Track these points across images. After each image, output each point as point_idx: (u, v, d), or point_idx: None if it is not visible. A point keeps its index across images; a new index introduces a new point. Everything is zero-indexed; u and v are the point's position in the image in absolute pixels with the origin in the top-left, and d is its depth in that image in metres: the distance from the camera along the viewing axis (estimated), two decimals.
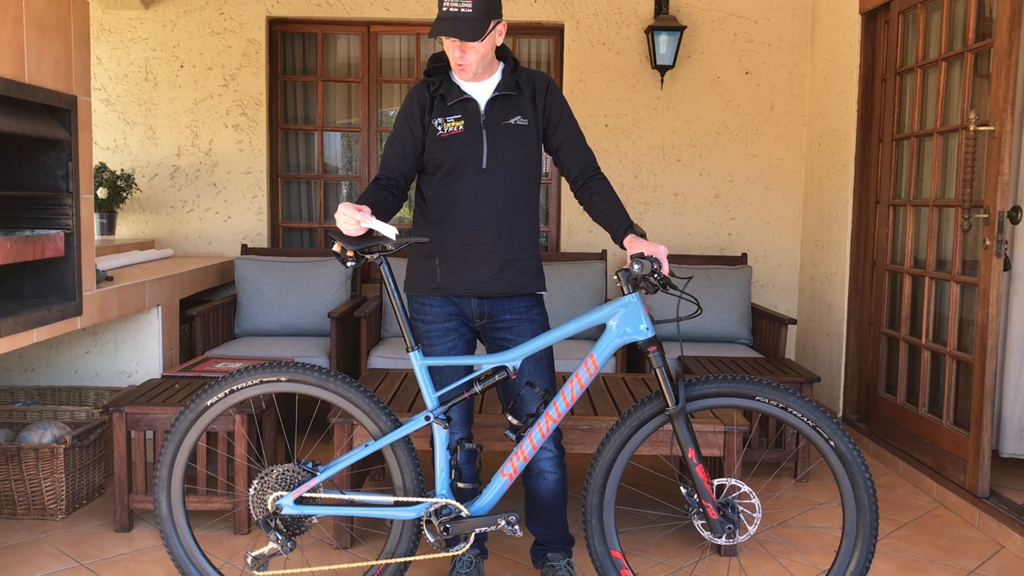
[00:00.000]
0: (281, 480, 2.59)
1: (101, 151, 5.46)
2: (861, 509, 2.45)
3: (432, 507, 2.59)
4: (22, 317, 3.01)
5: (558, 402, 2.56)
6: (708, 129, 5.55)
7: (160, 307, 4.23)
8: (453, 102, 2.70)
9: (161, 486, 2.69)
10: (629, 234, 2.61)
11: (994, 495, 3.63)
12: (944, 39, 4.01)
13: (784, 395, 2.46)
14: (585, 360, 2.56)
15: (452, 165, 2.70)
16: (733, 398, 2.51)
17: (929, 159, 4.19)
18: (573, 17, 5.47)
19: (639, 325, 2.51)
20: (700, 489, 2.51)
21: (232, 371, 2.65)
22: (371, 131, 5.67)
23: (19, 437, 3.59)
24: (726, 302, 4.97)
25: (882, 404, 4.52)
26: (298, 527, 2.62)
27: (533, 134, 2.74)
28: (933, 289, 4.11)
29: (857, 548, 2.47)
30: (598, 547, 2.60)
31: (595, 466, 2.59)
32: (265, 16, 5.46)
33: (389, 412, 2.62)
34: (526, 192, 2.77)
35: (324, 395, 2.62)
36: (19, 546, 3.28)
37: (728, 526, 2.50)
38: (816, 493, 3.94)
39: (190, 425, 2.67)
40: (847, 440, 2.44)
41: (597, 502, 2.59)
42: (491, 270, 2.73)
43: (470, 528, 2.59)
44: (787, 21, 5.50)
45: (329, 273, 5.00)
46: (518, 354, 2.57)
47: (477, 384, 2.57)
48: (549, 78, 2.81)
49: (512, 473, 2.61)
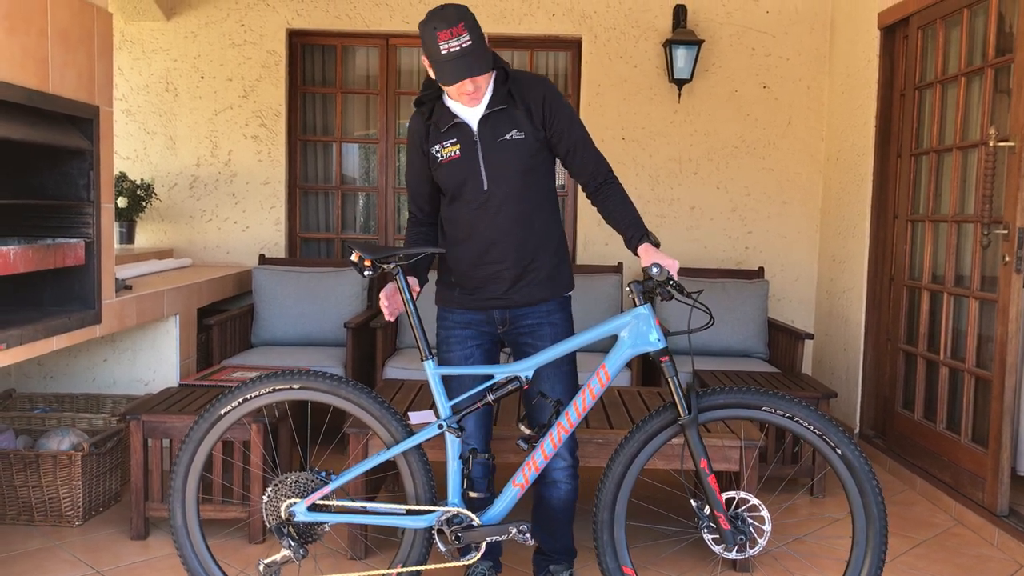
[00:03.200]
0: (295, 487, 2.62)
1: (122, 161, 5.50)
2: (870, 516, 2.47)
3: (444, 516, 2.60)
4: (42, 325, 3.04)
5: (570, 412, 2.57)
6: (725, 143, 5.55)
7: (178, 316, 4.26)
8: (446, 127, 2.65)
9: (176, 496, 2.70)
10: (644, 243, 2.60)
11: (1013, 514, 3.59)
12: (964, 54, 3.99)
13: (789, 405, 2.48)
14: (597, 371, 2.56)
15: (455, 190, 2.68)
16: (741, 409, 2.53)
17: (948, 174, 4.17)
18: (591, 31, 5.49)
19: (650, 336, 2.52)
20: (712, 500, 2.50)
21: (246, 380, 2.67)
22: (389, 143, 5.69)
23: (37, 444, 3.62)
24: (743, 316, 4.95)
25: (899, 420, 4.49)
26: (311, 534, 2.63)
27: (532, 146, 2.65)
28: (951, 305, 4.08)
29: (868, 556, 2.48)
30: (610, 564, 2.59)
31: (605, 480, 2.58)
32: (285, 28, 5.51)
33: (401, 420, 2.63)
34: (533, 204, 2.71)
35: (336, 402, 2.64)
36: (36, 552, 3.30)
37: (740, 537, 2.49)
38: (833, 508, 3.91)
39: (204, 434, 2.68)
40: (853, 448, 2.46)
41: (608, 517, 2.58)
42: (503, 286, 2.72)
43: (481, 537, 2.60)
44: (805, 36, 5.49)
45: (345, 284, 5.02)
46: (531, 364, 2.58)
47: (491, 394, 2.58)
48: (545, 84, 2.68)
49: (524, 483, 2.62)
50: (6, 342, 2.84)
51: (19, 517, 3.55)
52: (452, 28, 2.42)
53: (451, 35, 2.42)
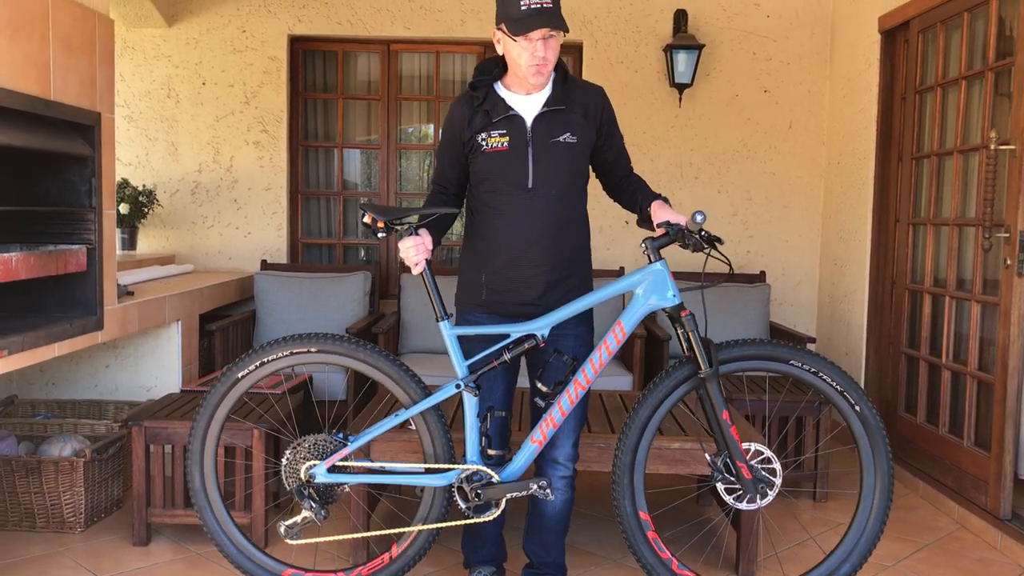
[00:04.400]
0: (313, 450, 2.66)
1: (123, 167, 5.52)
2: (880, 470, 2.62)
3: (463, 473, 2.63)
4: (44, 331, 3.04)
5: (586, 369, 2.58)
6: (726, 147, 5.55)
7: (180, 322, 4.26)
8: (499, 118, 2.60)
9: (194, 459, 2.76)
10: (656, 200, 2.63)
11: (1016, 517, 3.59)
12: (964, 58, 3.99)
13: (816, 360, 2.60)
14: (613, 327, 2.58)
15: (496, 182, 2.63)
16: (767, 361, 2.61)
17: (949, 178, 4.17)
18: (592, 36, 5.50)
19: (666, 292, 2.56)
20: (734, 450, 2.54)
21: (263, 344, 2.71)
22: (390, 148, 5.70)
23: (39, 450, 3.62)
24: (744, 320, 4.95)
25: (902, 424, 4.48)
26: (330, 495, 2.67)
27: (582, 151, 2.66)
28: (953, 308, 4.08)
29: (874, 507, 2.64)
30: (627, 508, 2.62)
31: (630, 425, 2.63)
32: (287, 34, 5.52)
33: (419, 380, 2.66)
34: (573, 210, 2.69)
35: (354, 364, 2.67)
36: (38, 559, 3.30)
37: (761, 485, 2.55)
38: (835, 513, 3.91)
39: (222, 398, 2.73)
40: (870, 407, 2.61)
41: (629, 461, 2.62)
42: (535, 292, 2.66)
43: (501, 493, 2.63)
44: (806, 40, 5.50)
45: (347, 289, 5.02)
46: (546, 322, 2.59)
47: (506, 352, 2.59)
48: (603, 94, 2.71)
49: (542, 439, 2.64)
50: (8, 348, 2.84)
51: (21, 523, 3.55)
52: None
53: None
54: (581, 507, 3.88)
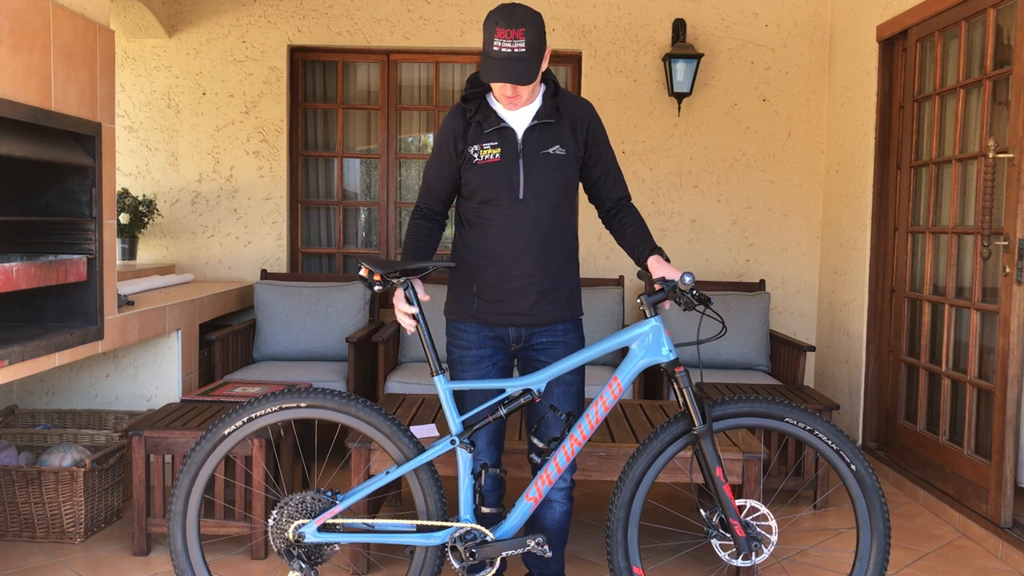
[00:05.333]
0: (300, 508, 2.58)
1: (124, 177, 5.52)
2: (876, 532, 2.58)
3: (457, 532, 2.58)
4: (44, 341, 3.05)
5: (583, 424, 2.57)
6: (725, 156, 5.56)
7: (180, 331, 4.26)
8: (490, 130, 2.63)
9: (176, 519, 2.63)
10: (654, 255, 2.63)
11: (1017, 525, 3.58)
12: (962, 66, 4.01)
13: (811, 419, 2.57)
14: (609, 382, 2.57)
15: (488, 193, 2.64)
16: (761, 419, 2.59)
17: (948, 186, 4.18)
18: (591, 45, 5.51)
19: (662, 348, 2.54)
20: (727, 508, 2.53)
21: (251, 398, 2.64)
22: (390, 158, 5.71)
23: (39, 460, 3.62)
24: (744, 328, 4.95)
25: (902, 432, 4.48)
26: (320, 555, 2.61)
27: (571, 164, 2.68)
28: (953, 316, 4.08)
29: (870, 570, 2.58)
30: (621, 562, 2.61)
31: (623, 480, 2.61)
32: (287, 45, 5.53)
33: (412, 436, 2.61)
34: (563, 221, 2.71)
35: (345, 420, 2.61)
36: (38, 569, 3.30)
37: (755, 543, 2.53)
38: (836, 521, 3.90)
39: (207, 455, 2.61)
40: (866, 466, 2.56)
41: (623, 516, 2.60)
42: (528, 302, 2.68)
43: (496, 552, 2.59)
44: (804, 49, 5.51)
45: (347, 298, 5.02)
46: (542, 377, 2.58)
47: (502, 408, 2.57)
48: (592, 109, 2.73)
49: (537, 496, 2.62)
50: (8, 358, 2.85)
51: (21, 534, 3.55)
52: (511, 30, 2.42)
53: (508, 36, 2.42)
54: (580, 515, 3.88)
